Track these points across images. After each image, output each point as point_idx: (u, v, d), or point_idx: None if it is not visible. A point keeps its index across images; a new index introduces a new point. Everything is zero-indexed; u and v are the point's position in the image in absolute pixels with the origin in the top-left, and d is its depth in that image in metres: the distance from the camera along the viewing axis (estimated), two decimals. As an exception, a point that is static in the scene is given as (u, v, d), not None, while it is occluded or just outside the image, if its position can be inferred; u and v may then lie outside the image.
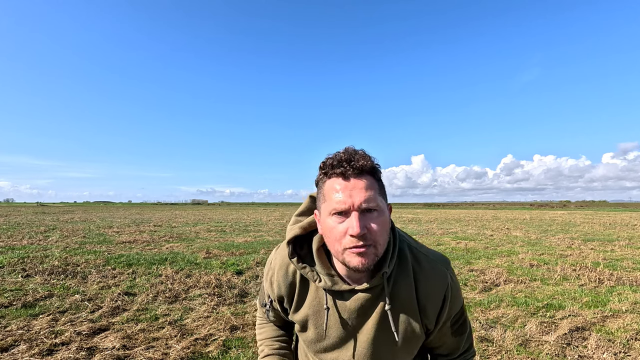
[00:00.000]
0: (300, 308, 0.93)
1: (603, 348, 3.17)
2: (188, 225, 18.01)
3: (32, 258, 7.16)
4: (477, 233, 14.04)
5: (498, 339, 3.36)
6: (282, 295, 0.94)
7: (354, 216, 0.74)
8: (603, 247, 9.77)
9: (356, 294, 0.86)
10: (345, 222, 0.76)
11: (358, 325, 0.88)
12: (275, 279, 0.94)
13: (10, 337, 3.20)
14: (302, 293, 0.92)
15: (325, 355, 0.94)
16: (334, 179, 0.79)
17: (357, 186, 0.76)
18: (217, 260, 7.35)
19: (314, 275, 0.88)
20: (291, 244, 0.90)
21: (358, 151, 0.81)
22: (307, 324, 0.93)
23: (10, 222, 18.19)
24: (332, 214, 0.77)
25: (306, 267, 0.88)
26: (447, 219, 25.84)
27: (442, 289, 0.87)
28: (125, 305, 4.27)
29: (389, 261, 0.83)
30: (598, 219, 25.45)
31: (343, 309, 0.87)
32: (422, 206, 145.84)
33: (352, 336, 0.89)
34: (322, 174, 0.82)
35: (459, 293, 0.92)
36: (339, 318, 0.88)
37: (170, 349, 3.09)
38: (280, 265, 0.94)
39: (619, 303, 4.46)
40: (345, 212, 0.76)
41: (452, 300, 0.89)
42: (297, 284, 0.92)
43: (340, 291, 0.86)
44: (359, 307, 0.86)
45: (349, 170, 0.77)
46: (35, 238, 10.85)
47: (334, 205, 0.77)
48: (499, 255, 8.24)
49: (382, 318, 0.86)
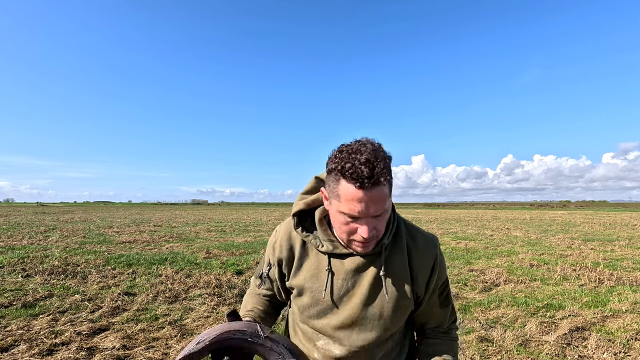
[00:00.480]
0: (299, 272, 1.00)
1: (603, 348, 3.17)
2: (188, 225, 18.01)
3: (32, 258, 7.16)
4: (477, 233, 14.05)
5: (498, 339, 3.36)
6: (281, 259, 1.02)
7: (365, 222, 0.83)
8: (603, 247, 9.77)
9: (354, 256, 0.95)
10: (355, 223, 0.84)
11: (352, 286, 0.95)
12: (278, 244, 1.03)
13: (10, 337, 3.21)
14: (302, 257, 1.00)
15: (318, 321, 1.00)
16: (352, 187, 0.79)
17: (372, 197, 0.80)
18: (217, 260, 7.36)
19: (316, 242, 0.97)
20: (296, 217, 1.00)
21: (376, 156, 0.79)
22: (303, 288, 0.99)
23: (10, 222, 18.19)
24: (345, 214, 0.83)
25: (309, 236, 0.98)
26: (447, 219, 25.85)
27: (431, 260, 0.98)
28: (125, 305, 4.27)
29: (388, 234, 0.93)
30: (598, 219, 25.46)
31: (340, 271, 0.95)
32: (422, 206, 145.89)
33: (345, 299, 0.96)
34: (338, 172, 0.81)
35: (445, 265, 1.04)
36: (335, 280, 0.96)
37: (170, 349, 3.09)
38: (284, 232, 1.03)
39: (619, 303, 4.47)
40: (357, 217, 0.82)
41: (440, 270, 1.01)
42: (298, 249, 1.00)
43: (339, 254, 0.95)
44: (355, 268, 0.95)
45: (367, 184, 0.78)
46: (35, 238, 10.85)
47: (347, 210, 0.81)
48: (499, 255, 8.24)
49: (375, 281, 0.94)
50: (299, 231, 0.98)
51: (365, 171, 0.77)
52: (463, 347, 3.23)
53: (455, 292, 4.96)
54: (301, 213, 1.00)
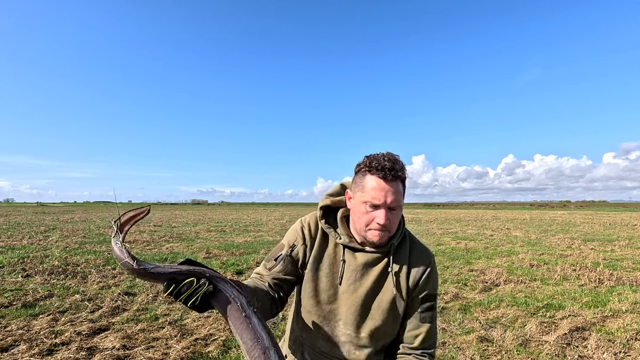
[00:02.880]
0: (319, 257, 1.14)
1: (603, 348, 3.17)
2: (188, 225, 18.01)
3: (32, 258, 7.16)
4: (477, 233, 14.04)
5: (498, 339, 3.36)
6: (309, 239, 1.16)
7: (382, 211, 1.01)
8: (603, 247, 9.77)
9: (365, 252, 1.11)
10: (374, 212, 1.03)
11: (360, 277, 1.10)
12: (307, 227, 1.17)
13: (10, 337, 3.20)
14: (322, 245, 1.15)
15: (328, 305, 1.12)
16: (376, 178, 1.01)
17: (391, 189, 1.01)
18: (217, 260, 7.35)
19: (335, 235, 1.14)
20: (322, 210, 1.17)
21: (398, 160, 1.04)
22: (321, 272, 1.13)
23: (10, 222, 18.19)
24: (366, 204, 1.02)
25: (331, 228, 1.15)
26: (447, 219, 25.85)
27: (425, 267, 1.13)
28: (125, 305, 4.27)
29: (398, 236, 1.11)
30: (598, 219, 25.46)
31: (352, 262, 1.11)
32: (422, 206, 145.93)
33: (352, 288, 1.10)
34: (365, 168, 1.04)
35: (436, 280, 1.15)
36: (347, 270, 1.11)
37: (170, 349, 3.09)
38: (312, 219, 1.19)
39: (619, 303, 4.47)
40: (377, 206, 1.02)
41: (429, 279, 1.12)
42: (320, 236, 1.16)
43: (354, 247, 1.11)
44: (365, 262, 1.10)
45: (389, 176, 1.00)
46: (35, 238, 10.85)
47: (370, 198, 1.01)
48: (499, 255, 8.24)
49: (380, 276, 1.10)
50: (322, 222, 1.16)
51: (388, 165, 1.00)
52: (463, 347, 3.23)
53: (455, 292, 4.96)
54: (326, 209, 1.18)
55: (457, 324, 3.81)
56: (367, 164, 1.03)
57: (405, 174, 1.05)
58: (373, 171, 1.01)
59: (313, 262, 1.14)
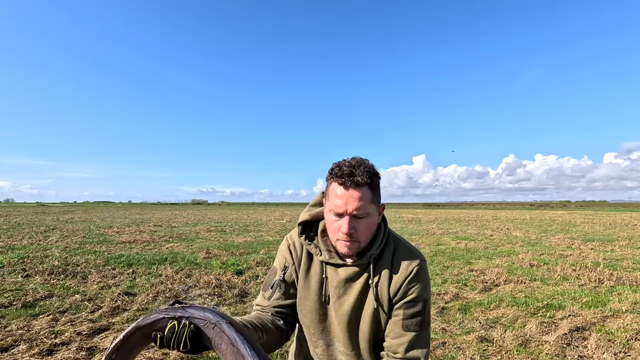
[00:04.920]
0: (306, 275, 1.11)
1: (603, 348, 3.17)
2: (188, 225, 18.01)
3: (32, 258, 7.16)
4: (477, 233, 14.05)
5: (498, 339, 3.37)
6: (298, 258, 1.12)
7: (345, 219, 0.96)
8: (603, 247, 9.77)
9: (347, 267, 1.06)
10: (340, 221, 0.98)
11: (343, 293, 1.06)
12: (293, 246, 1.14)
13: (10, 337, 3.21)
14: (307, 263, 1.11)
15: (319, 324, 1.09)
16: (337, 185, 0.97)
17: (352, 196, 0.95)
18: (217, 260, 7.35)
19: (316, 251, 1.08)
20: (301, 226, 1.12)
21: (362, 164, 0.98)
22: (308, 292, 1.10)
23: (10, 222, 18.19)
24: (331, 212, 0.99)
25: (311, 244, 1.09)
26: (447, 219, 25.85)
27: (408, 273, 1.03)
28: (125, 305, 4.27)
29: (377, 246, 1.04)
30: (598, 219, 25.46)
31: (334, 279, 1.07)
32: (422, 206, 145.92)
33: (337, 304, 1.07)
34: (330, 175, 1.00)
35: (425, 284, 1.05)
36: (330, 287, 1.07)
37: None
38: (296, 237, 1.15)
39: (619, 303, 4.47)
40: (340, 214, 0.97)
41: (412, 284, 1.03)
42: (305, 254, 1.12)
43: (335, 264, 1.06)
44: (347, 277, 1.06)
45: (348, 182, 0.95)
46: (35, 238, 10.85)
47: (333, 206, 0.98)
48: (499, 255, 8.25)
49: (363, 289, 1.05)
50: (302, 239, 1.11)
51: (346, 171, 0.96)
52: (463, 347, 3.23)
53: (455, 292, 4.96)
54: (306, 223, 1.13)
55: (457, 324, 3.81)
56: (330, 171, 1.00)
57: (371, 179, 0.96)
58: (335, 178, 0.97)
59: (302, 280, 1.11)
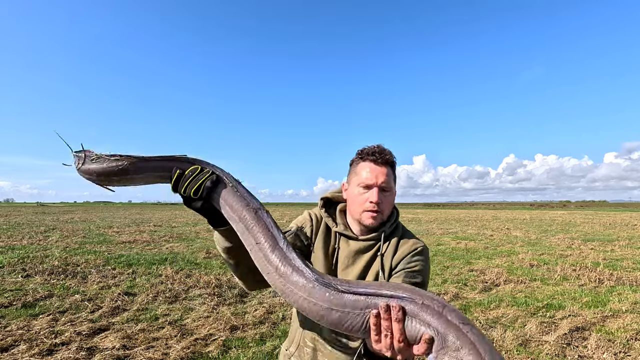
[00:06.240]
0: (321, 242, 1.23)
1: (603, 348, 3.17)
2: (188, 225, 18.01)
3: (32, 258, 7.16)
4: (477, 233, 14.05)
5: (498, 339, 3.37)
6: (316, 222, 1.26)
7: (375, 190, 1.11)
8: (603, 247, 9.77)
9: (357, 241, 1.19)
10: (368, 193, 1.12)
11: (351, 263, 1.19)
12: (313, 214, 1.28)
13: (10, 337, 3.21)
14: (324, 232, 1.24)
15: None
16: (368, 162, 1.14)
17: (382, 171, 1.12)
18: (217, 260, 7.35)
19: (332, 223, 1.23)
20: (323, 200, 1.29)
21: (387, 149, 1.17)
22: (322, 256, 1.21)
23: (10, 222, 18.20)
24: (360, 186, 1.13)
25: (329, 217, 1.25)
26: (447, 219, 25.85)
27: (413, 249, 1.16)
28: (125, 305, 4.27)
29: (390, 225, 1.20)
30: (598, 219, 25.47)
31: (345, 249, 1.20)
32: (422, 206, 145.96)
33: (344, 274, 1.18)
34: (358, 157, 1.17)
35: (426, 264, 1.16)
36: (340, 256, 1.20)
37: (170, 349, 3.09)
38: (317, 210, 1.30)
39: (619, 303, 4.47)
40: (370, 186, 1.12)
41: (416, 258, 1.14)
42: (323, 224, 1.25)
43: (348, 235, 1.21)
44: (357, 250, 1.19)
45: (379, 159, 1.12)
46: (35, 238, 10.85)
47: (363, 179, 1.12)
48: (499, 255, 8.25)
49: (369, 262, 1.18)
50: (322, 212, 1.26)
51: (377, 150, 1.14)
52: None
53: (455, 292, 4.96)
54: (327, 201, 1.30)
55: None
56: (358, 154, 1.18)
57: (395, 160, 1.17)
58: (365, 157, 1.15)
59: (316, 244, 1.24)
